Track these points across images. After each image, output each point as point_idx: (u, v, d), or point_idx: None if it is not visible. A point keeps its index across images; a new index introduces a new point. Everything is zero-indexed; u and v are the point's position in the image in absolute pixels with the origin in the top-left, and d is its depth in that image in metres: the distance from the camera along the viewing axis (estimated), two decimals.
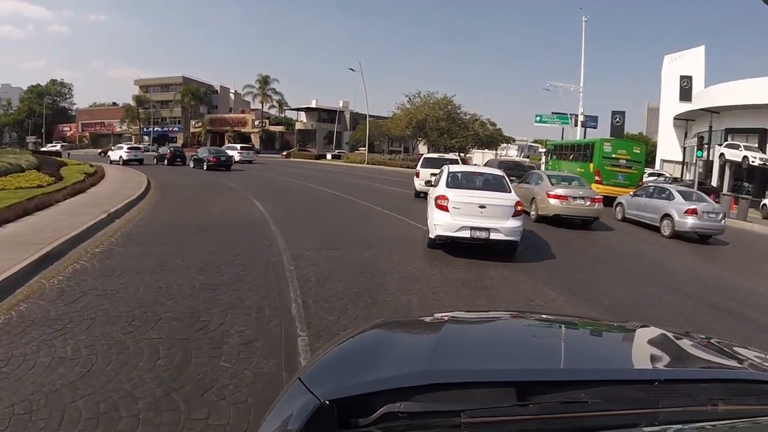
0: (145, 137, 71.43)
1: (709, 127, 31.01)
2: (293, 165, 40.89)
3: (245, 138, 64.25)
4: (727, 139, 30.32)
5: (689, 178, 33.08)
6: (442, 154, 23.22)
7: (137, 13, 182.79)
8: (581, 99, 40.73)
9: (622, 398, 0.99)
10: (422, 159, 19.14)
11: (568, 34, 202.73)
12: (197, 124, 72.28)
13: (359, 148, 59.20)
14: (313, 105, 71.70)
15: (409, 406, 0.91)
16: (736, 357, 1.27)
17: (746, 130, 30.07)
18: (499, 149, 53.39)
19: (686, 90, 40.88)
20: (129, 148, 34.02)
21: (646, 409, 0.97)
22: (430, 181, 14.13)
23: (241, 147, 41.28)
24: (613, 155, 19.51)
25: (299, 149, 62.51)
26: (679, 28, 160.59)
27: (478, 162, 35.89)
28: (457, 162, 18.31)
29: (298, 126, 73.59)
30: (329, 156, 55.19)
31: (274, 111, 71.93)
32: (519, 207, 8.16)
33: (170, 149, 34.89)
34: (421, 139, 50.09)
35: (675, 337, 1.42)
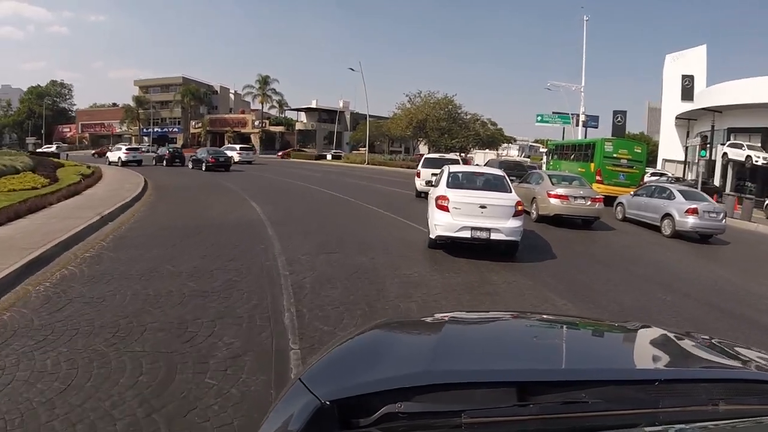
0: (145, 138, 71.28)
1: (711, 126, 30.83)
2: (293, 165, 40.68)
3: (245, 138, 64.00)
4: (729, 139, 30.16)
5: (691, 177, 32.89)
6: (443, 155, 23.25)
7: (137, 14, 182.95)
8: (582, 98, 40.60)
9: (622, 398, 0.98)
10: (423, 159, 19.19)
11: (568, 33, 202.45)
12: (197, 125, 72.07)
13: (359, 149, 58.99)
14: (314, 105, 71.49)
15: (409, 406, 0.90)
16: (737, 357, 1.26)
17: (749, 130, 29.94)
18: (500, 149, 53.26)
19: (688, 89, 40.71)
20: (128, 149, 33.96)
21: (646, 409, 0.96)
22: (431, 182, 14.12)
23: (241, 147, 41.00)
24: (615, 155, 19.44)
25: (295, 149, 62.19)
26: (679, 27, 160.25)
27: (480, 162, 35.68)
28: (458, 162, 18.23)
29: (299, 126, 73.32)
30: (329, 156, 54.92)
31: (274, 111, 71.75)
32: (520, 207, 8.11)
33: (169, 150, 34.59)
34: (421, 139, 49.84)
35: (676, 337, 1.42)
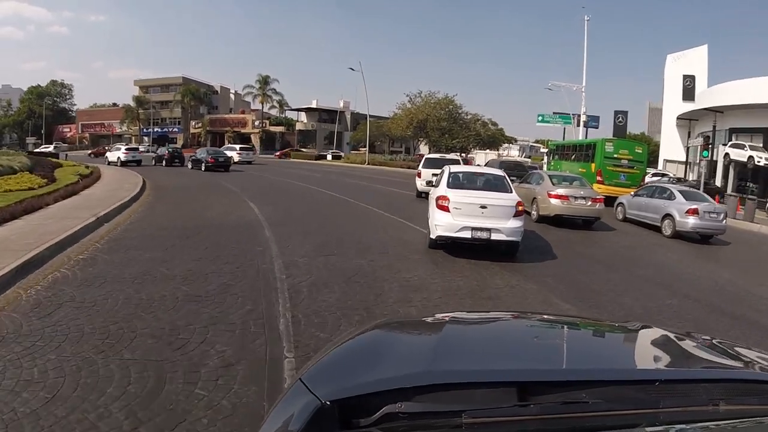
0: (145, 138, 71.16)
1: (713, 126, 30.67)
2: (292, 166, 40.53)
3: (245, 138, 63.84)
4: (731, 139, 30.02)
5: (693, 178, 32.74)
6: (444, 155, 23.28)
7: (137, 14, 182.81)
8: (583, 99, 40.44)
9: (623, 398, 0.98)
10: (424, 159, 19.23)
11: (569, 34, 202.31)
12: (197, 125, 71.91)
13: (360, 149, 58.84)
14: (314, 105, 71.34)
15: (410, 406, 0.90)
16: (738, 357, 1.26)
17: (750, 130, 29.81)
18: (501, 149, 53.11)
19: (689, 89, 40.56)
20: (127, 149, 33.86)
21: (647, 409, 0.96)
22: (431, 182, 14.10)
23: (240, 147, 40.82)
24: (615, 155, 19.40)
25: (294, 149, 61.91)
26: (680, 27, 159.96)
27: (481, 162, 35.57)
28: (459, 162, 18.17)
29: (299, 126, 73.15)
30: (329, 156, 54.79)
31: (274, 111, 71.59)
32: (520, 207, 8.08)
33: (168, 150, 34.43)
34: (422, 139, 49.66)
35: (676, 338, 1.41)
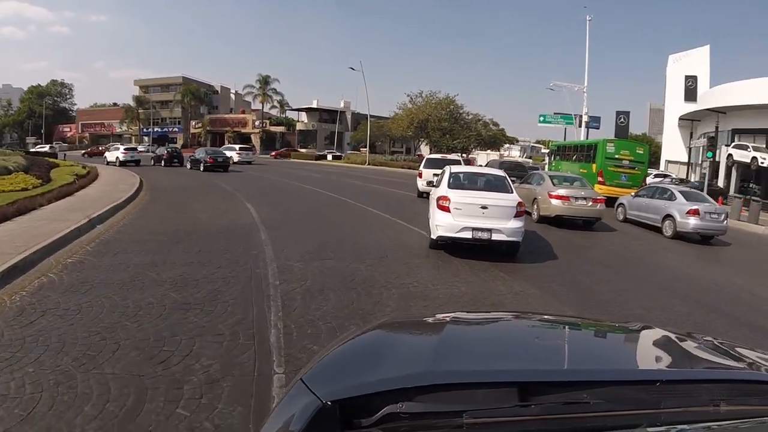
0: (145, 138, 70.97)
1: (716, 127, 30.44)
2: (292, 166, 40.31)
3: (245, 138, 63.66)
4: (733, 140, 29.82)
5: (695, 179, 32.52)
6: (445, 155, 23.27)
7: (138, 14, 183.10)
8: (585, 99, 40.25)
9: (624, 399, 0.97)
10: (425, 160, 19.28)
11: (569, 34, 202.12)
12: (197, 125, 71.72)
13: (360, 149, 58.63)
14: (314, 105, 71.12)
15: (411, 406, 0.89)
16: (739, 358, 1.25)
17: (753, 131, 29.63)
18: (502, 150, 52.89)
19: (691, 90, 40.36)
20: (125, 149, 33.71)
21: (648, 409, 0.95)
22: (432, 182, 14.01)
23: (240, 148, 40.59)
24: (616, 156, 19.34)
25: (291, 149, 61.59)
26: (680, 28, 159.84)
27: (482, 163, 35.39)
28: (460, 163, 18.05)
29: (299, 126, 72.91)
30: (329, 157, 54.63)
31: (275, 111, 71.40)
32: (521, 207, 8.07)
33: (167, 150, 34.21)
34: (423, 139, 49.42)
35: (677, 338, 1.40)
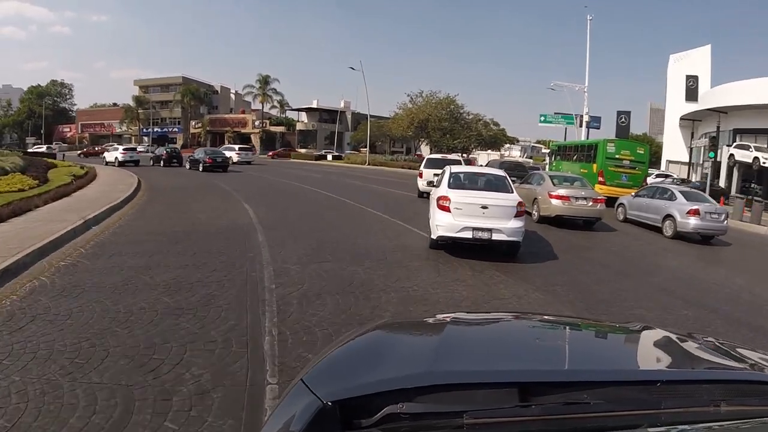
0: (145, 138, 70.84)
1: (717, 127, 30.28)
2: (292, 166, 40.19)
3: (245, 139, 63.53)
4: (735, 140, 29.69)
5: (696, 179, 32.38)
6: (445, 155, 23.27)
7: (139, 14, 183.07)
8: (586, 99, 40.12)
9: (624, 399, 0.96)
10: (425, 160, 19.29)
11: (569, 34, 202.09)
12: (197, 125, 71.60)
13: (360, 149, 58.49)
14: (314, 105, 70.98)
15: (411, 407, 0.89)
16: (739, 358, 1.24)
17: (755, 131, 29.51)
18: (503, 150, 52.76)
19: (692, 90, 40.21)
20: (124, 149, 33.61)
21: (648, 410, 0.94)
22: (432, 182, 13.95)
23: (240, 148, 40.48)
24: (617, 156, 19.30)
25: (288, 149, 61.35)
26: (680, 28, 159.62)
27: (483, 163, 35.29)
28: (460, 163, 17.98)
29: (299, 126, 72.75)
30: (329, 157, 54.53)
31: (275, 111, 71.24)
32: (521, 207, 8.07)
33: (166, 150, 34.09)
34: (423, 139, 49.28)
35: (678, 339, 1.40)
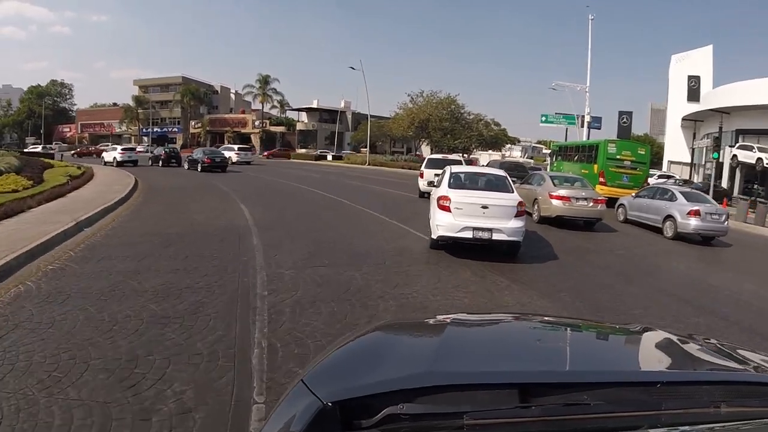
0: (145, 138, 70.64)
1: (719, 127, 30.05)
2: (291, 166, 39.99)
3: (245, 139, 63.33)
4: (738, 140, 29.48)
5: (699, 180, 32.14)
6: (446, 155, 23.20)
7: (139, 14, 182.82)
8: (587, 99, 39.93)
9: (625, 400, 0.96)
10: (426, 160, 19.27)
11: (569, 34, 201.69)
12: (197, 125, 71.41)
13: (361, 149, 58.29)
14: (315, 105, 70.75)
15: (411, 407, 0.89)
16: (740, 359, 1.23)
17: (757, 131, 29.31)
18: (503, 150, 52.58)
19: (694, 90, 39.99)
20: (123, 149, 33.40)
21: (649, 411, 0.94)
22: (433, 182, 13.80)
23: (239, 148, 40.31)
24: (618, 156, 19.20)
25: (286, 150, 61.04)
26: (681, 28, 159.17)
27: (484, 163, 35.12)
28: (461, 163, 17.80)
29: (299, 126, 72.52)
30: (329, 157, 54.37)
31: (275, 111, 71.01)
32: (522, 207, 8.07)
33: (165, 150, 33.90)
34: (424, 139, 49.09)
35: (678, 340, 1.39)
